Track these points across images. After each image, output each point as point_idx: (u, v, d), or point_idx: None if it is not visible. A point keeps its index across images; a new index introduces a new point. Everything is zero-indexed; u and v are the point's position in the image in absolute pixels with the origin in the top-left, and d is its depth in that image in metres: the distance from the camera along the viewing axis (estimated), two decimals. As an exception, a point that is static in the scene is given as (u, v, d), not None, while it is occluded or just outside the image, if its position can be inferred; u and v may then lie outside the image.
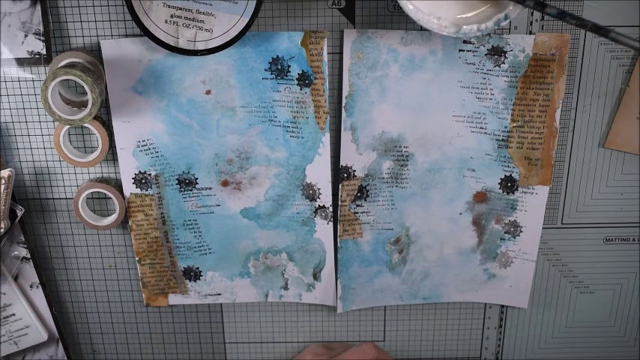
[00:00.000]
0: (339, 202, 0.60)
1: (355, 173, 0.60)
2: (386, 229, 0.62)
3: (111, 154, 0.59)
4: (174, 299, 0.65)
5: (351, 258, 0.63)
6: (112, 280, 0.65)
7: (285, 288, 0.65)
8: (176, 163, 0.59)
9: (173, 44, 0.52)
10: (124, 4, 0.51)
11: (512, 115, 0.57)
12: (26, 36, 0.54)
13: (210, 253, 0.63)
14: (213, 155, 0.59)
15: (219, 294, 0.65)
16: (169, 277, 0.64)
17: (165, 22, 0.51)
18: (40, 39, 0.54)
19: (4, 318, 0.63)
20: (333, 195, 0.61)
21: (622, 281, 0.66)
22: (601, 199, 0.62)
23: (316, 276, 0.64)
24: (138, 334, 0.68)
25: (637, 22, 0.55)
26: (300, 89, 0.57)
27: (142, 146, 0.58)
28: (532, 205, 0.60)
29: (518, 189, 0.60)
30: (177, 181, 0.60)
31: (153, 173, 0.60)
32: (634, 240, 0.64)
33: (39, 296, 0.63)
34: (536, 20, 0.55)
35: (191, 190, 0.60)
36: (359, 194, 0.60)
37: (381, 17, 0.55)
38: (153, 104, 0.57)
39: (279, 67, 0.56)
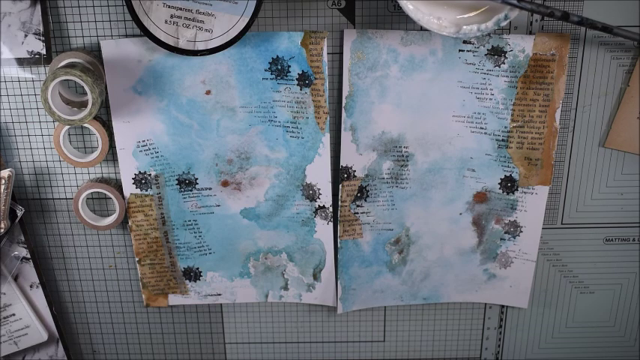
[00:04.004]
0: (339, 203, 0.60)
1: (355, 173, 0.60)
2: (386, 229, 0.62)
3: (111, 154, 0.59)
4: (174, 299, 0.65)
5: (351, 258, 0.63)
6: (112, 280, 0.65)
7: (285, 288, 0.65)
8: (176, 163, 0.59)
9: (173, 44, 0.52)
10: (124, 4, 0.51)
11: (512, 115, 0.57)
12: (26, 36, 0.54)
13: (210, 253, 0.63)
14: (213, 155, 0.59)
15: (219, 294, 0.65)
16: (169, 278, 0.64)
17: (165, 22, 0.51)
18: (40, 39, 0.54)
19: (4, 318, 0.63)
20: (333, 195, 0.60)
21: (622, 281, 0.66)
22: (601, 199, 0.62)
23: (316, 276, 0.64)
24: (138, 334, 0.68)
25: (637, 22, 0.55)
26: (300, 89, 0.56)
27: (142, 146, 0.58)
28: (532, 205, 0.60)
29: (518, 189, 0.60)
30: (177, 182, 0.60)
31: (153, 173, 0.60)
32: (634, 240, 0.64)
33: (39, 296, 0.63)
34: (536, 20, 0.55)
35: (191, 191, 0.60)
36: (359, 194, 0.60)
37: (381, 17, 0.55)
38: (153, 104, 0.57)
39: (279, 67, 0.56)
